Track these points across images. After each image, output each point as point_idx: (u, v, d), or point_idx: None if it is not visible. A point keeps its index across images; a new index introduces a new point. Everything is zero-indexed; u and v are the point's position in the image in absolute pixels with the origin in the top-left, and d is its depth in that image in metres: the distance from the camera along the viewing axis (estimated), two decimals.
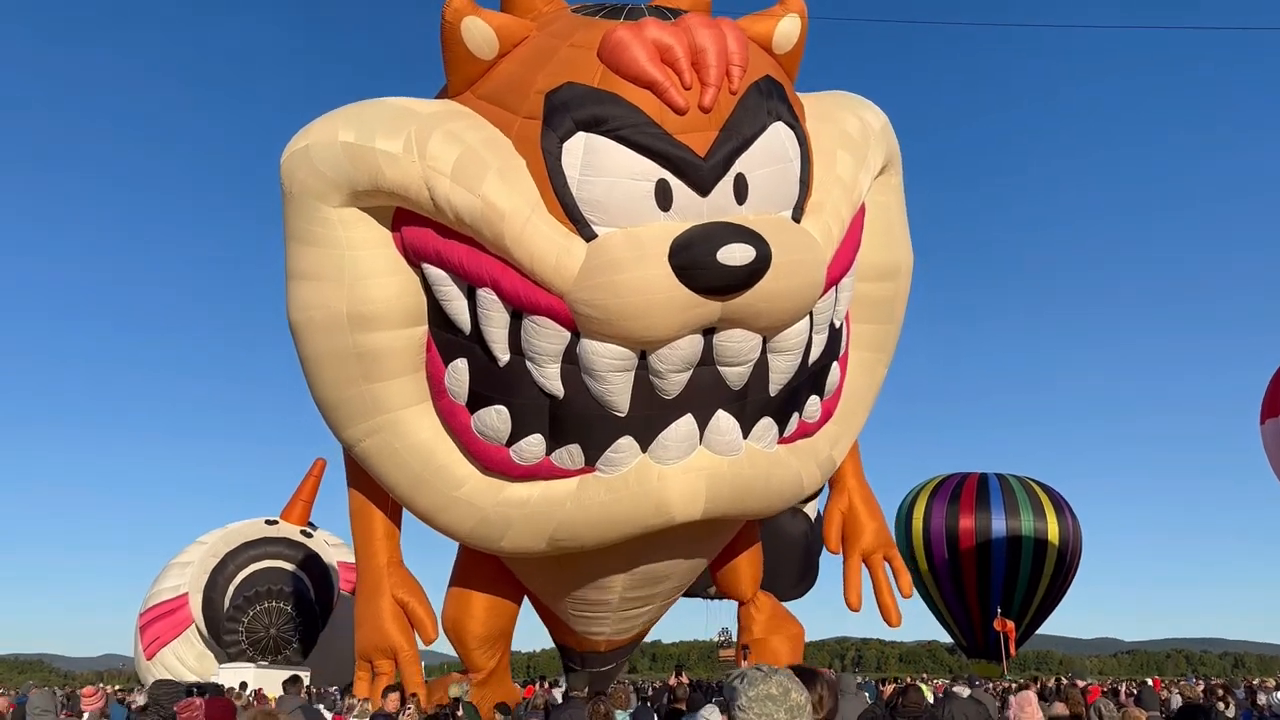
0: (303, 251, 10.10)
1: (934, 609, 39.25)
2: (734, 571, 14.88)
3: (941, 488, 38.16)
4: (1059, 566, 36.22)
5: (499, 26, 9.72)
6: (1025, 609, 36.51)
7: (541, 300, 9.08)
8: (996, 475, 38.32)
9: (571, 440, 9.83)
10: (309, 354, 10.35)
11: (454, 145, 9.24)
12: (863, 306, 11.40)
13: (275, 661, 27.34)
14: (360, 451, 10.83)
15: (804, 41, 10.48)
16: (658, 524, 10.19)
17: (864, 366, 11.84)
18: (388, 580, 11.91)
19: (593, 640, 14.63)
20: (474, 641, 13.34)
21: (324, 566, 29.35)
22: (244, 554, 27.94)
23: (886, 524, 14.55)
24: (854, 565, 13.78)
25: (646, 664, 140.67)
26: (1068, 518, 36.88)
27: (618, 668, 17.89)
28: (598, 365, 9.19)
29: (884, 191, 11.41)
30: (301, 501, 32.24)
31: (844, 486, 14.02)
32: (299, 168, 9.87)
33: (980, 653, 37.67)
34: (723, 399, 9.82)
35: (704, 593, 28.26)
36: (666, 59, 8.92)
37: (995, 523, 35.99)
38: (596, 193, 8.96)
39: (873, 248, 11.12)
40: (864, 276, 11.14)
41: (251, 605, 27.20)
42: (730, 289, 8.82)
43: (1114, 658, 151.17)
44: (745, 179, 9.30)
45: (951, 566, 36.60)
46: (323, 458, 34.07)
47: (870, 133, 10.92)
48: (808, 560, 26.64)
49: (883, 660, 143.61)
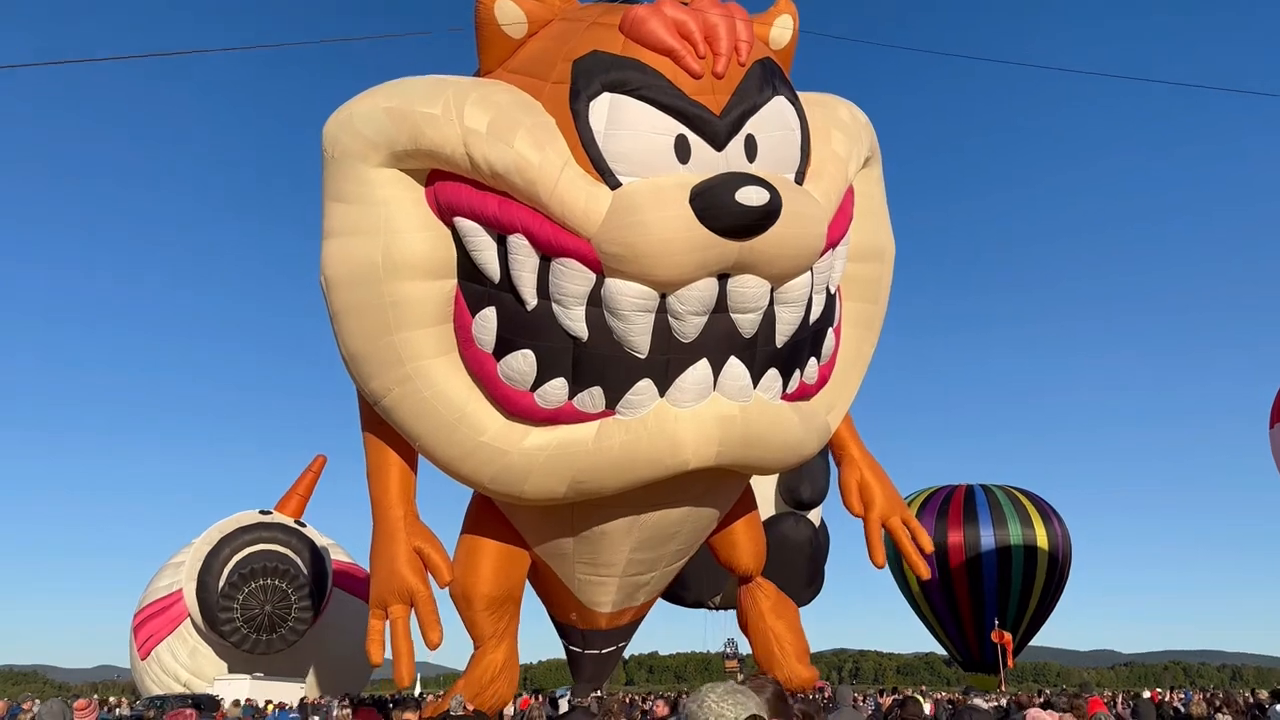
0: (341, 210, 10.83)
1: (928, 625, 39.21)
2: (733, 544, 15.61)
3: (929, 503, 38.27)
4: (1050, 573, 36.33)
5: (528, 9, 10.95)
6: (1020, 619, 36.51)
7: (569, 243, 9.82)
8: (981, 487, 38.52)
9: (593, 383, 10.45)
10: (341, 306, 10.93)
11: (488, 106, 10.11)
12: (852, 285, 12.50)
13: (271, 641, 26.98)
14: (388, 403, 11.27)
15: (796, 40, 11.95)
16: (673, 466, 10.79)
17: (854, 342, 12.78)
18: (404, 530, 12.11)
19: (596, 614, 14.94)
20: (482, 602, 13.68)
21: (318, 551, 29.20)
22: (239, 539, 27.76)
23: (896, 489, 15.28)
24: (874, 529, 14.57)
25: (644, 675, 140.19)
26: (1055, 524, 37.05)
27: (617, 653, 18.08)
28: (622, 305, 9.90)
29: (868, 182, 12.60)
30: (297, 495, 32.11)
31: (851, 459, 14.90)
32: (342, 132, 10.71)
33: (976, 666, 37.57)
34: (735, 346, 10.55)
35: (707, 603, 28.30)
36: (683, 32, 10.05)
37: (984, 535, 36.12)
38: (621, 146, 9.86)
39: (860, 231, 12.18)
40: (852, 257, 12.16)
41: (246, 583, 26.98)
42: (746, 230, 9.59)
43: (1111, 670, 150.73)
44: (755, 139, 10.34)
45: (943, 583, 36.59)
46: (323, 454, 33.88)
47: (858, 122, 12.30)
48: (814, 566, 26.68)
49: (880, 672, 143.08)
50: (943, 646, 40.81)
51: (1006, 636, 34.03)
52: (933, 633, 39.37)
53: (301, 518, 30.50)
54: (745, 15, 10.62)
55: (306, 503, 31.74)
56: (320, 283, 11.12)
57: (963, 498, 37.59)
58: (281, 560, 27.47)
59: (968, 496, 37.62)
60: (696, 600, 27.64)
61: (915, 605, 38.81)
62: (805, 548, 25.76)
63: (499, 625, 14.12)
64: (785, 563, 24.36)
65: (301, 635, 27.88)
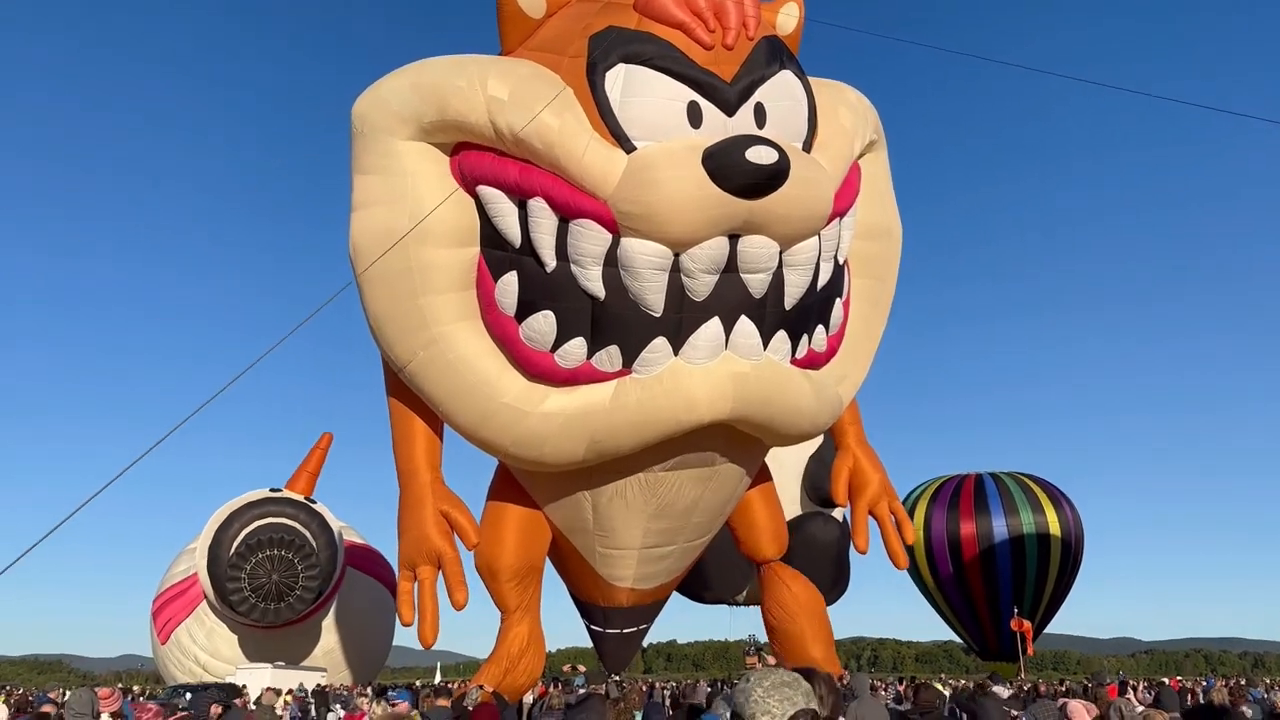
0: (369, 182, 11.39)
1: (943, 617, 39.12)
2: (752, 524, 15.88)
3: (938, 494, 38.10)
4: (1064, 559, 36.15)
5: None
6: (1036, 605, 36.36)
7: (587, 205, 10.31)
8: (990, 475, 38.34)
9: (611, 341, 10.89)
10: (368, 274, 11.36)
11: (510, 78, 10.70)
12: (860, 262, 12.94)
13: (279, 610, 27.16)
14: (413, 369, 11.69)
15: (801, 27, 12.54)
16: (688, 422, 11.21)
17: (863, 318, 13.17)
18: (430, 494, 12.45)
19: (616, 590, 15.18)
20: (506, 574, 14.09)
21: (327, 524, 29.34)
22: (248, 513, 28.14)
23: (888, 476, 15.43)
24: (861, 514, 14.83)
25: (661, 664, 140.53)
26: (1066, 509, 36.83)
27: (639, 634, 18.19)
28: (637, 263, 10.34)
29: (874, 165, 13.08)
30: (307, 473, 32.25)
31: (848, 446, 15.22)
32: (371, 109, 11.32)
33: (994, 655, 37.42)
34: (745, 306, 10.96)
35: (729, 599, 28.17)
36: (694, 9, 10.58)
37: (996, 524, 35.95)
38: (636, 113, 10.37)
39: (866, 208, 12.66)
40: (860, 235, 12.60)
41: (253, 554, 27.28)
42: (755, 189, 10.00)
43: (1132, 658, 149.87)
44: (764, 107, 10.82)
45: (957, 575, 36.51)
46: (329, 432, 33.97)
47: (864, 104, 12.80)
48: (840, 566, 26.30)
49: (899, 660, 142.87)
50: (959, 637, 40.63)
51: (1026, 624, 33.84)
52: (949, 624, 39.26)
53: (312, 494, 30.64)
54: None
55: (316, 479, 31.93)
56: (348, 253, 11.60)
57: (972, 487, 37.43)
58: (288, 532, 27.86)
59: (977, 486, 37.49)
60: (717, 599, 27.52)
61: (930, 597, 38.65)
62: (833, 548, 25.33)
63: (524, 596, 14.50)
64: (813, 563, 24.06)
65: (309, 606, 28.13)
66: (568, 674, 21.17)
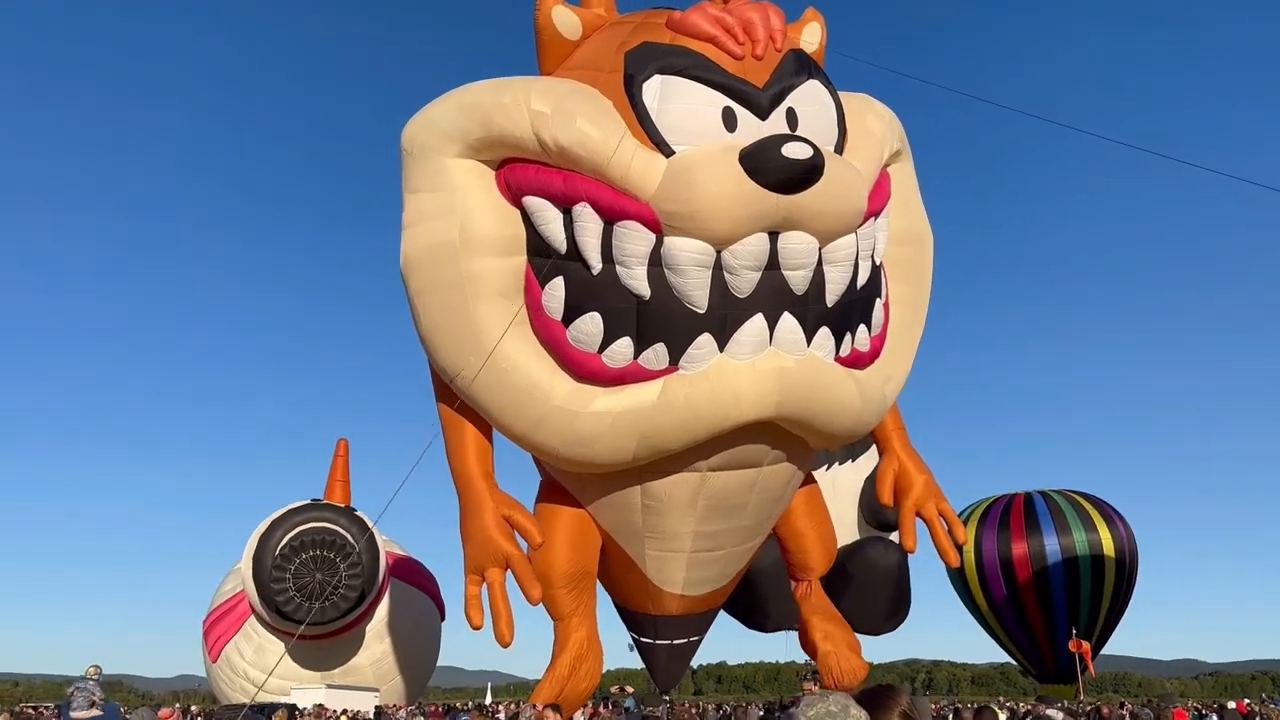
0: (418, 199, 11.99)
1: (997, 640, 38.24)
2: (799, 534, 16.06)
3: (988, 515, 37.40)
4: (1119, 578, 35.22)
5: (581, 15, 12.46)
6: (1092, 626, 35.30)
7: (630, 207, 10.77)
8: (1040, 493, 37.54)
9: (657, 339, 11.24)
10: (419, 286, 11.98)
11: (551, 94, 11.31)
12: (895, 267, 13.30)
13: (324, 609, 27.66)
14: (464, 377, 12.05)
15: (823, 48, 13.04)
16: (736, 417, 11.47)
17: (903, 322, 13.46)
18: (489, 498, 12.67)
19: (666, 597, 15.23)
20: (560, 579, 14.28)
21: (367, 527, 30.00)
22: (290, 519, 28.90)
23: (934, 478, 15.35)
24: (908, 515, 14.78)
25: (712, 685, 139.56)
26: (1119, 526, 35.92)
27: (691, 647, 18.00)
28: (681, 261, 10.74)
29: (900, 173, 13.43)
30: (339, 482, 32.92)
31: (892, 450, 15.26)
32: (420, 131, 11.98)
33: (1052, 677, 36.46)
34: (788, 302, 11.28)
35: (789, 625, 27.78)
36: (723, 24, 11.17)
37: (1048, 544, 35.15)
38: (673, 119, 10.92)
39: (897, 216, 13.03)
40: (893, 240, 12.96)
41: (296, 555, 27.95)
42: (791, 184, 10.39)
43: (1195, 680, 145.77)
44: (795, 112, 11.30)
45: (1010, 597, 35.68)
46: (344, 437, 34.57)
47: (890, 114, 13.21)
48: (900, 592, 25.63)
49: (954, 683, 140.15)
50: (1014, 660, 39.92)
51: (1085, 645, 33.14)
52: (1003, 647, 38.39)
53: (349, 503, 31.24)
54: (779, 11, 11.63)
55: (349, 487, 32.53)
56: (400, 270, 12.15)
57: (1022, 506, 36.75)
58: (328, 534, 28.67)
59: (1027, 505, 36.73)
60: (776, 627, 27.28)
61: (983, 620, 37.89)
62: (893, 573, 24.56)
63: (578, 602, 14.68)
64: (872, 589, 23.50)
65: (353, 605, 28.57)
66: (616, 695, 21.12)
